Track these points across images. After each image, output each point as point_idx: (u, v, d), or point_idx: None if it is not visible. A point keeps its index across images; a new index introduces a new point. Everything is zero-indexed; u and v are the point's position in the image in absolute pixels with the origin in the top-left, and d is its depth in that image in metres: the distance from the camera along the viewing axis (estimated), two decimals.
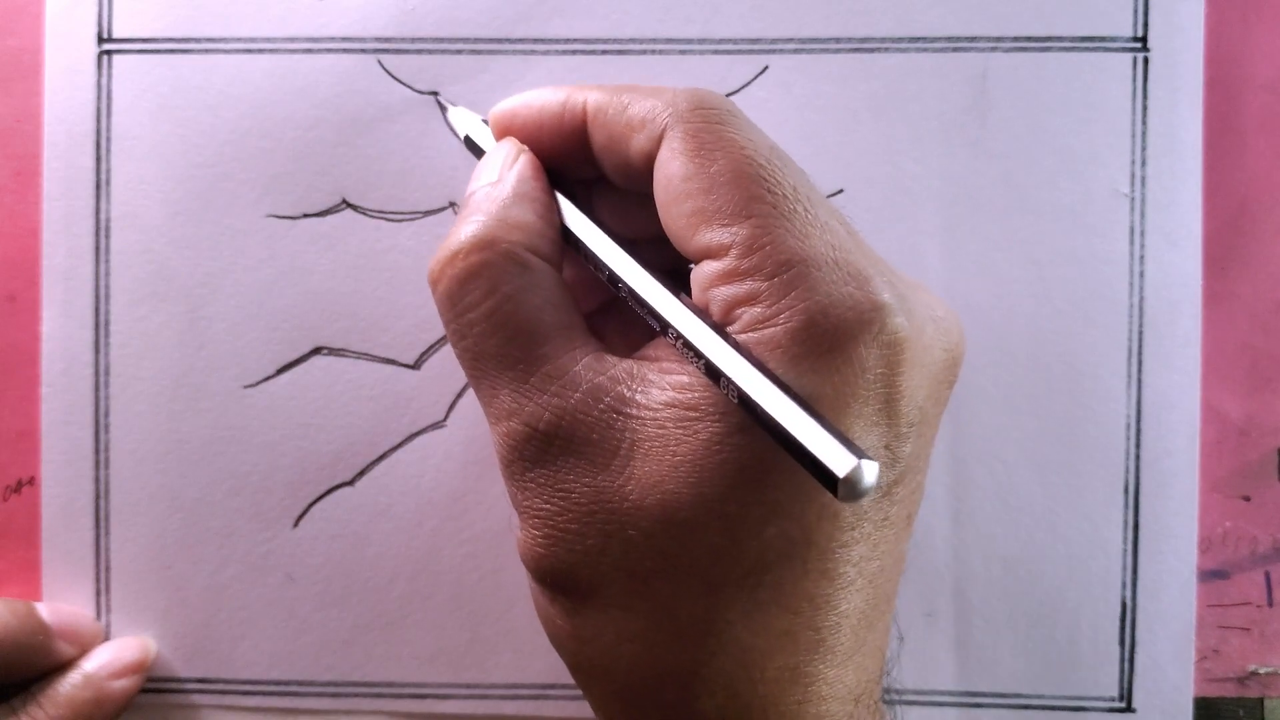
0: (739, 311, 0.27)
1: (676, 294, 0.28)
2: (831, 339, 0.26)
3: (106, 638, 0.39)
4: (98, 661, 0.37)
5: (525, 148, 0.32)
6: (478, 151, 0.34)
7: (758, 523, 0.27)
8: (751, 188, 0.27)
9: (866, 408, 0.27)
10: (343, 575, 0.39)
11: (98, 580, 0.39)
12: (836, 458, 0.24)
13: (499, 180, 0.31)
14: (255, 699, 0.39)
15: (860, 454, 0.24)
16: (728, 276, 0.27)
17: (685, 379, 0.27)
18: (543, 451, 0.28)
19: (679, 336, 0.27)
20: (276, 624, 0.39)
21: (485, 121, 0.34)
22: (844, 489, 0.24)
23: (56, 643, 0.37)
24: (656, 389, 0.28)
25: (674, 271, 0.30)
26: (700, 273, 0.28)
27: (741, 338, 0.27)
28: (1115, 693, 0.38)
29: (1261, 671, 0.39)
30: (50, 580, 0.39)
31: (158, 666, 0.39)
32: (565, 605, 0.29)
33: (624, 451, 0.27)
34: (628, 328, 0.33)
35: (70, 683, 0.37)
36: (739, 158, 0.27)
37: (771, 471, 0.26)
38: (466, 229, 0.29)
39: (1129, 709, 0.38)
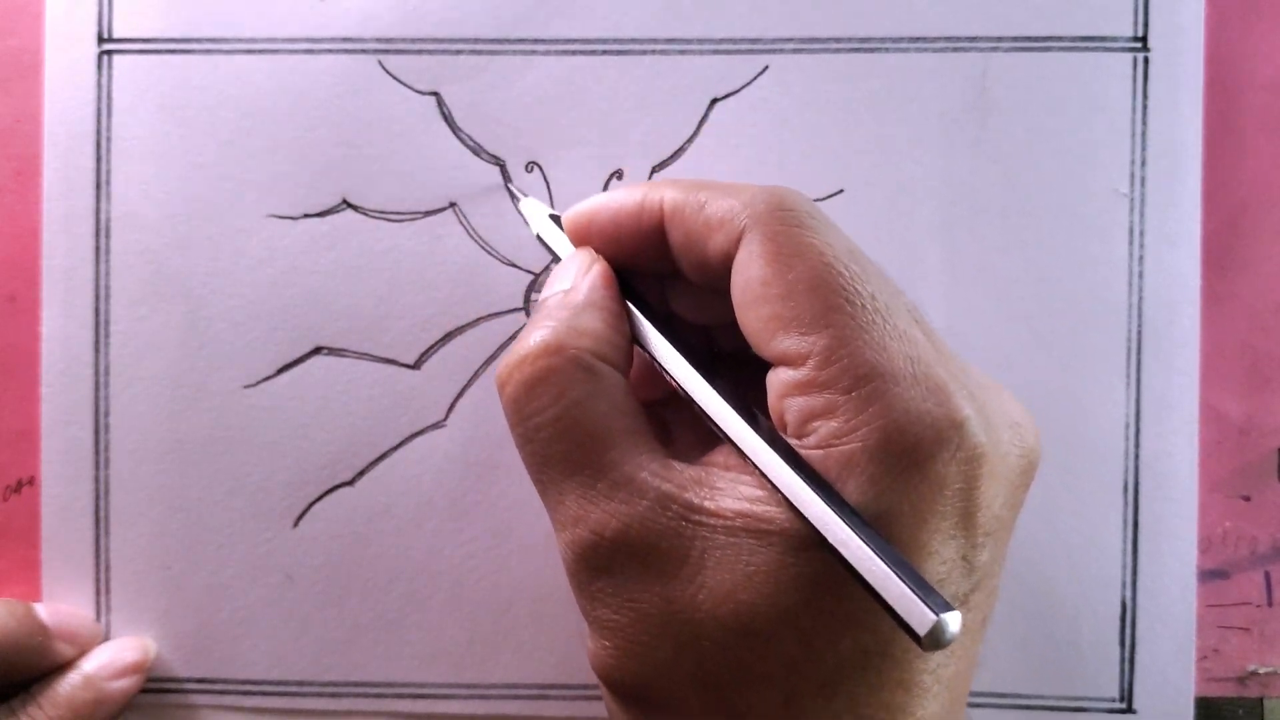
0: (815, 424, 0.27)
1: (750, 416, 0.28)
2: (910, 457, 0.26)
3: (106, 638, 0.39)
4: (97, 662, 0.37)
5: (598, 257, 0.32)
6: (547, 245, 0.35)
7: (833, 634, 0.26)
8: (830, 296, 0.27)
9: (944, 522, 0.26)
10: (342, 575, 0.39)
11: (97, 580, 0.39)
12: (918, 614, 0.24)
13: (571, 288, 0.31)
14: (255, 699, 0.39)
15: (941, 607, 0.24)
16: (804, 387, 0.27)
17: (757, 491, 0.27)
18: (610, 560, 0.28)
19: (754, 464, 0.27)
20: (276, 624, 0.39)
21: (555, 217, 0.35)
22: (927, 641, 0.24)
23: (56, 643, 0.37)
24: (728, 498, 0.27)
25: (745, 359, 0.30)
26: (776, 379, 0.28)
27: (818, 453, 0.26)
28: (1115, 693, 0.38)
29: (1261, 671, 0.39)
30: (50, 580, 0.39)
31: (157, 666, 0.39)
32: (639, 716, 0.29)
33: (694, 560, 0.27)
34: (697, 420, 0.32)
35: (69, 683, 0.37)
36: (818, 264, 0.27)
37: (846, 583, 0.26)
38: (536, 334, 0.29)
39: (1129, 709, 0.38)
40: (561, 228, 0.34)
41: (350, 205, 0.39)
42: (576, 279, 0.31)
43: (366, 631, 0.39)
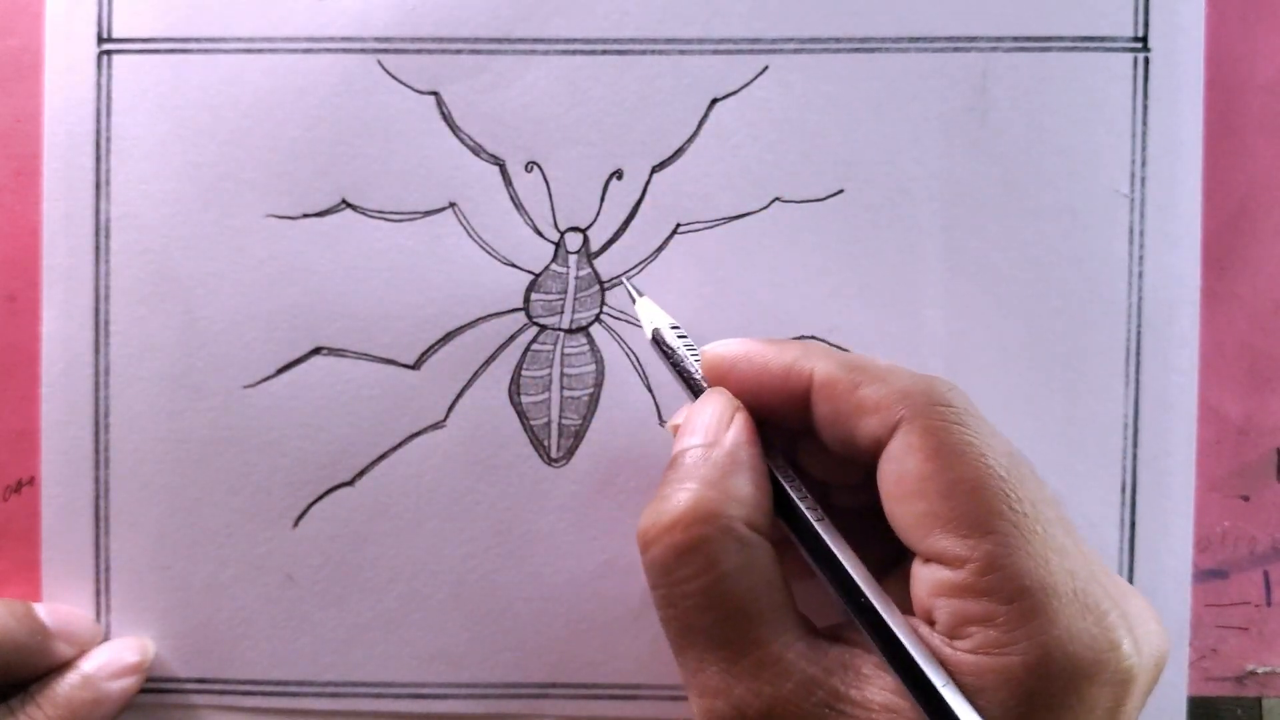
0: (970, 629, 0.27)
1: (907, 626, 0.28)
2: (1067, 677, 0.26)
3: (106, 638, 0.39)
4: (96, 662, 0.37)
5: (739, 405, 0.32)
6: (662, 349, 0.34)
7: None
8: (992, 502, 0.27)
9: None
10: (342, 575, 0.39)
11: (97, 580, 0.39)
12: None
13: (714, 443, 0.30)
14: (255, 699, 0.39)
15: None
16: (961, 591, 0.27)
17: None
18: None
19: (907, 676, 0.27)
20: (276, 624, 0.39)
21: (675, 328, 0.35)
22: None
23: (55, 643, 0.37)
24: (873, 687, 0.27)
25: (859, 518, 0.30)
26: (929, 575, 0.28)
27: (971, 658, 0.26)
28: None
29: (1259, 671, 0.39)
30: (50, 580, 0.39)
31: (157, 666, 0.39)
32: None
33: None
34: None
35: (69, 683, 0.37)
36: (979, 466, 0.27)
37: None
38: (685, 495, 0.29)
39: None
40: (680, 337, 0.34)
41: (350, 205, 0.39)
42: (718, 431, 0.31)
43: (366, 631, 0.39)
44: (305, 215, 0.39)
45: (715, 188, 0.38)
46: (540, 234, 0.39)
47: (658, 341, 0.35)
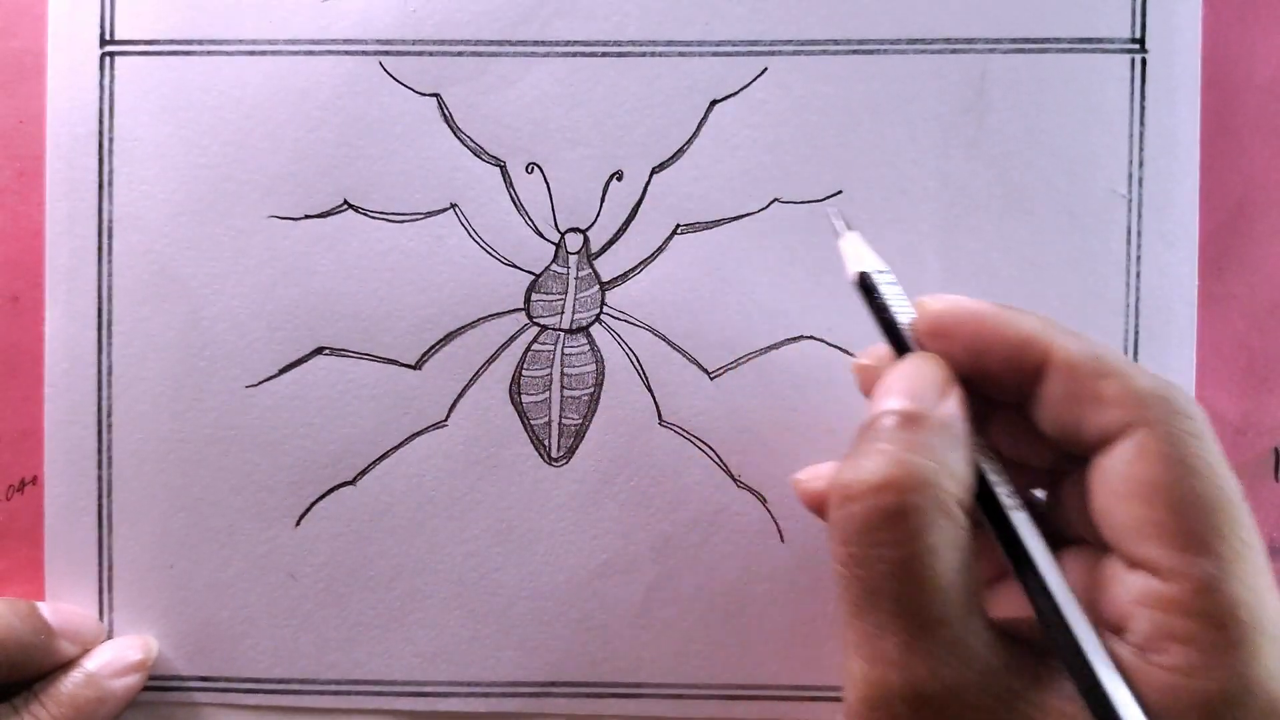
0: (1171, 646, 0.26)
1: (1096, 639, 0.27)
2: (1262, 716, 0.25)
3: (109, 636, 0.39)
4: (99, 660, 0.38)
5: (952, 374, 0.30)
6: (869, 295, 0.32)
7: None
8: (1223, 525, 0.26)
9: None
10: (344, 574, 0.39)
11: (100, 579, 0.39)
12: None
13: (921, 413, 0.29)
14: (257, 697, 0.39)
15: None
16: (1170, 605, 0.26)
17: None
18: (912, 712, 0.27)
19: (1089, 690, 0.26)
20: (278, 622, 0.39)
21: (885, 271, 0.32)
22: None
23: (58, 642, 0.37)
24: (1052, 692, 0.27)
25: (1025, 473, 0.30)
26: (1135, 581, 0.27)
27: (1168, 677, 0.26)
28: None
29: None
30: (53, 579, 0.39)
31: (160, 665, 0.39)
32: None
33: None
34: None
35: (72, 681, 0.37)
36: (1217, 488, 0.27)
37: None
38: (896, 458, 0.27)
39: None
40: (890, 284, 0.32)
41: (351, 206, 0.39)
42: (933, 400, 0.29)
43: (368, 630, 0.39)
44: (307, 216, 0.39)
45: (715, 188, 0.39)
46: (541, 235, 0.39)
47: (865, 286, 0.32)
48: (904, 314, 0.31)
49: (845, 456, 0.29)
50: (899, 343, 0.31)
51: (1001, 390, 0.30)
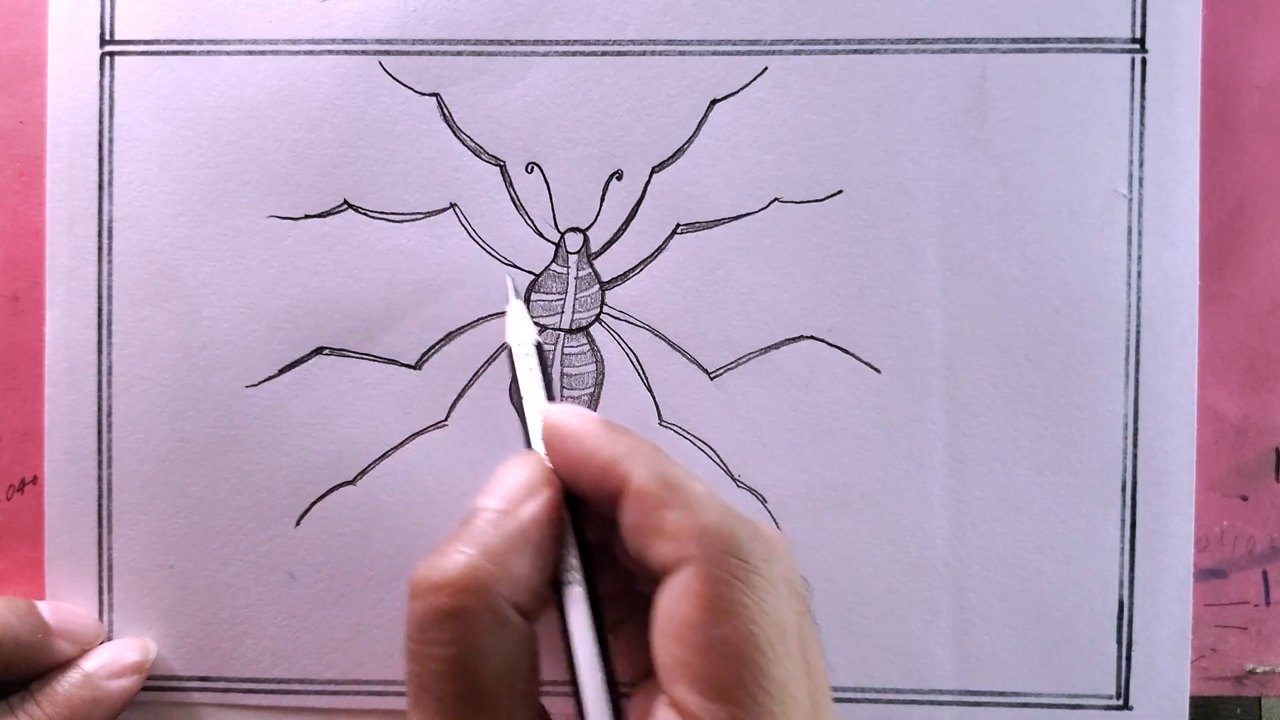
0: None
1: None
2: None
3: (109, 636, 0.39)
4: (97, 661, 0.38)
5: (552, 478, 0.31)
6: (511, 363, 0.34)
7: None
8: (742, 672, 0.27)
9: None
10: (344, 574, 0.39)
11: (100, 579, 0.39)
12: None
13: (511, 512, 0.30)
14: (257, 697, 0.39)
15: None
16: None
17: None
18: None
19: None
20: (278, 622, 0.39)
21: (539, 345, 0.34)
22: None
23: (56, 641, 0.37)
24: None
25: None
26: (666, 716, 0.27)
27: None
28: (1112, 690, 0.38)
29: (1259, 670, 0.39)
30: (53, 579, 0.39)
31: (159, 665, 0.39)
32: None
33: None
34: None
35: (69, 681, 0.37)
36: (744, 633, 0.27)
37: None
38: (459, 559, 0.28)
39: (1126, 707, 0.38)
40: (544, 359, 0.34)
41: (351, 206, 0.39)
42: (520, 499, 0.30)
43: (368, 630, 0.39)
44: (307, 216, 0.39)
45: (715, 188, 0.39)
46: (541, 234, 0.39)
47: (511, 359, 0.34)
48: (536, 406, 0.33)
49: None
50: (527, 436, 0.33)
51: (608, 513, 0.30)
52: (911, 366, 0.38)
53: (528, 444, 0.33)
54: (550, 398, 0.33)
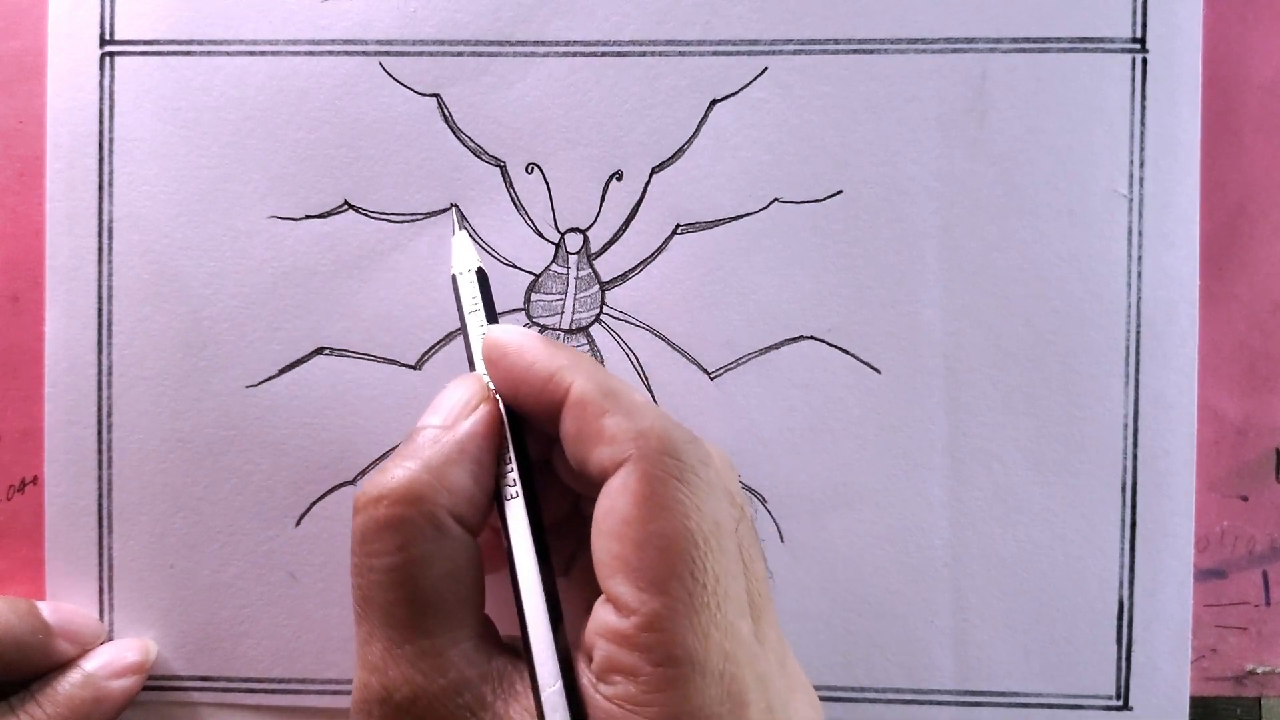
0: (616, 678, 0.27)
1: (554, 653, 0.29)
2: None
3: (110, 636, 0.39)
4: (98, 661, 0.38)
5: (490, 394, 0.32)
6: (455, 292, 0.34)
7: None
8: (676, 563, 0.27)
9: None
10: (345, 574, 0.39)
11: (101, 579, 0.39)
12: None
13: (450, 427, 0.31)
14: (257, 697, 0.39)
15: None
16: (619, 639, 0.27)
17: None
18: (391, 718, 0.28)
19: (536, 696, 0.28)
20: (278, 622, 0.39)
21: (481, 270, 0.34)
22: None
23: (57, 642, 0.37)
24: (518, 705, 0.28)
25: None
26: (600, 614, 0.28)
27: (607, 706, 0.27)
28: (1112, 691, 0.38)
29: (1259, 671, 0.39)
30: (54, 579, 0.39)
31: (160, 664, 0.39)
32: None
33: None
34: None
35: (69, 682, 0.37)
36: (679, 525, 0.27)
37: None
38: (399, 473, 0.29)
39: (1126, 707, 0.38)
40: (488, 285, 0.34)
41: (351, 206, 0.39)
42: (459, 415, 0.31)
43: None
44: (307, 216, 0.39)
45: (715, 188, 0.39)
46: (540, 235, 0.39)
47: (455, 287, 0.34)
48: (480, 330, 0.33)
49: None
50: (470, 357, 0.33)
51: (549, 426, 0.31)
52: (911, 366, 0.38)
53: (471, 367, 0.33)
54: (492, 321, 0.34)
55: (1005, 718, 0.38)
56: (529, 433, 0.32)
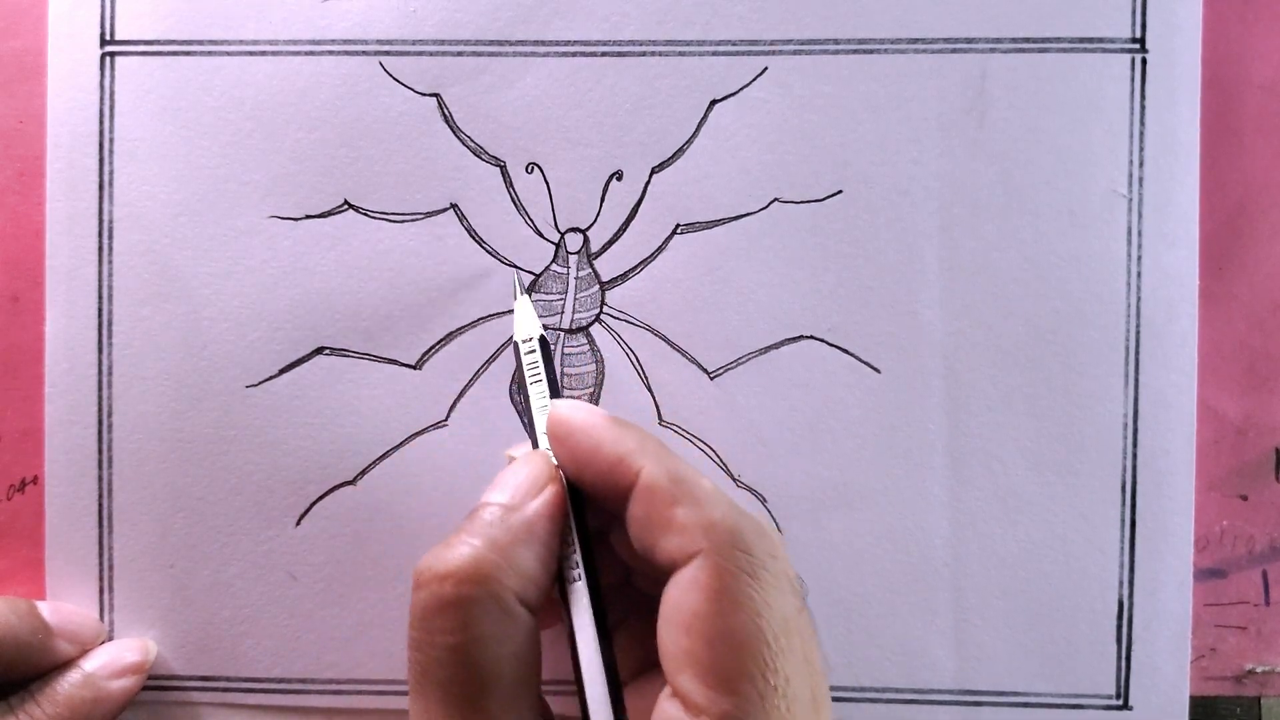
0: None
1: None
2: None
3: (110, 636, 0.39)
4: (97, 661, 0.38)
5: (557, 474, 0.31)
6: (518, 358, 0.34)
7: None
8: (748, 664, 0.27)
9: None
10: (344, 574, 0.39)
11: (101, 579, 0.39)
12: None
13: (517, 507, 0.30)
14: (257, 696, 0.39)
15: None
16: None
17: None
18: None
19: None
20: (278, 622, 0.39)
21: (544, 339, 0.34)
22: None
23: (57, 642, 0.37)
24: None
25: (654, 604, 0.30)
26: (665, 711, 0.28)
27: None
28: (1112, 690, 0.38)
29: (1259, 670, 0.39)
30: (54, 579, 0.39)
31: (160, 664, 0.39)
32: None
33: None
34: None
35: (69, 682, 0.37)
36: (750, 626, 0.27)
37: None
38: (465, 549, 0.29)
39: (1126, 706, 0.38)
40: (549, 354, 0.34)
41: (351, 206, 0.39)
42: (526, 494, 0.31)
43: (368, 629, 0.39)
44: (307, 216, 0.39)
45: (715, 188, 0.39)
46: (541, 234, 0.39)
47: (517, 354, 0.34)
48: (543, 407, 0.33)
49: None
50: (533, 433, 0.33)
51: (615, 507, 0.31)
52: (911, 366, 0.38)
53: (534, 441, 0.33)
54: (555, 394, 0.34)
55: (1005, 717, 0.38)
56: (588, 508, 0.32)
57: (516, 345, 0.35)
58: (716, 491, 0.30)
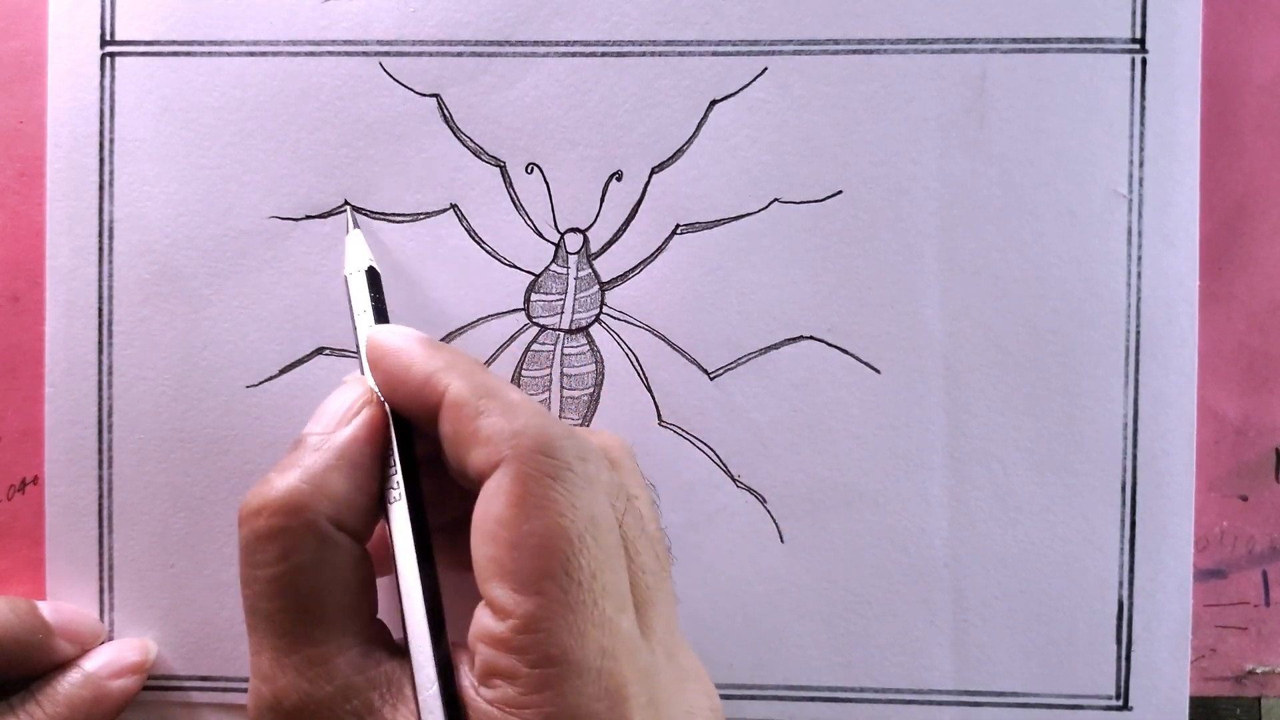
0: (496, 681, 0.27)
1: (435, 659, 0.28)
2: None
3: (110, 636, 0.39)
4: (98, 661, 0.38)
5: (374, 397, 0.32)
6: (349, 292, 0.34)
7: None
8: (551, 563, 0.27)
9: None
10: None
11: (101, 579, 0.39)
12: None
13: (331, 432, 0.31)
14: None
15: None
16: (497, 642, 0.27)
17: None
18: None
19: (416, 700, 0.28)
20: None
21: (372, 269, 0.34)
22: None
23: (57, 641, 0.37)
24: (405, 710, 0.28)
25: None
26: (480, 619, 0.28)
27: (490, 710, 0.27)
28: (1112, 691, 0.38)
29: (1259, 671, 0.39)
30: (54, 579, 0.39)
31: (160, 664, 0.39)
32: None
33: None
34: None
35: (69, 681, 0.37)
36: (553, 524, 0.27)
37: None
38: (279, 483, 0.29)
39: (1126, 707, 0.38)
40: (379, 285, 0.34)
41: (352, 206, 0.39)
42: (340, 421, 0.31)
43: None
44: (308, 217, 0.39)
45: (714, 189, 0.39)
46: (540, 235, 0.39)
47: (347, 287, 0.34)
48: (366, 330, 0.33)
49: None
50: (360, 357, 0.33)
51: (429, 428, 0.31)
52: (911, 366, 0.38)
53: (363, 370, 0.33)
54: (381, 322, 0.34)
55: (1005, 718, 0.38)
56: (422, 435, 0.32)
57: (346, 278, 0.35)
58: (526, 402, 0.29)
